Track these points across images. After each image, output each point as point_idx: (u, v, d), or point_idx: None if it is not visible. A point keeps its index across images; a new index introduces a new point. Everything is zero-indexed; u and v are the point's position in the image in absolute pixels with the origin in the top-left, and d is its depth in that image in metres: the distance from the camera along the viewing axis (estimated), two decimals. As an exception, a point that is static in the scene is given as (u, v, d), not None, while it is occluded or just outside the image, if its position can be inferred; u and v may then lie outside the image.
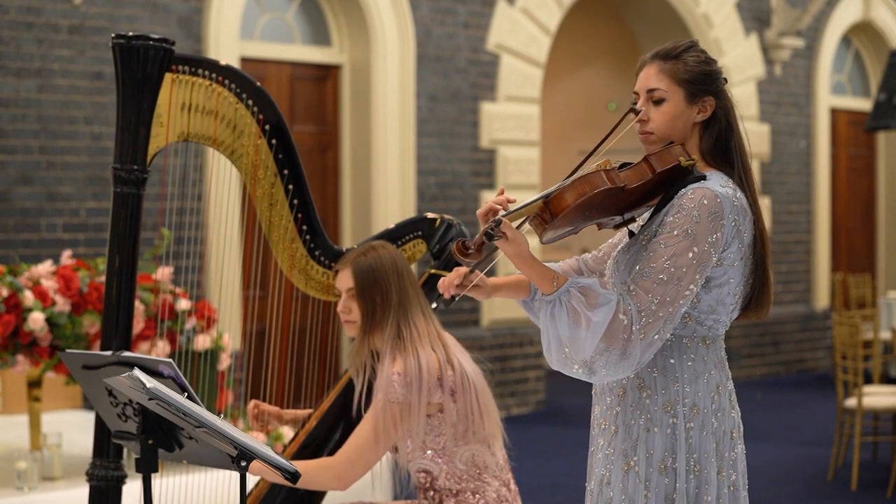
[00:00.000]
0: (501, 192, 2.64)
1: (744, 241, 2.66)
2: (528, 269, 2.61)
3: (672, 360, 2.67)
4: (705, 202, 2.59)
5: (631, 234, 2.75)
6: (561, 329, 2.58)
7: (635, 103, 2.74)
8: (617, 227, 2.75)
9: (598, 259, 2.94)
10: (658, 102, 2.72)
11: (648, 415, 2.67)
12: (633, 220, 2.74)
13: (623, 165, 2.67)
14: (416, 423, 3.37)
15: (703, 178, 2.67)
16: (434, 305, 2.76)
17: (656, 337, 2.56)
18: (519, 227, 2.61)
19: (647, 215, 2.75)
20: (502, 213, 2.59)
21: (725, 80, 2.78)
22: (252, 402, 3.76)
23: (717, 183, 2.65)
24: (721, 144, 2.72)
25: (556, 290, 2.59)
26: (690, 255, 2.57)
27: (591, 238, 10.86)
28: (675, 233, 2.59)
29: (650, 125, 2.72)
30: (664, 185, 2.67)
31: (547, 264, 2.94)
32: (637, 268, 2.60)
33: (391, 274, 3.49)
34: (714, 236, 2.59)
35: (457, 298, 2.68)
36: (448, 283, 2.68)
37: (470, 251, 2.55)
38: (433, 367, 3.39)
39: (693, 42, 2.78)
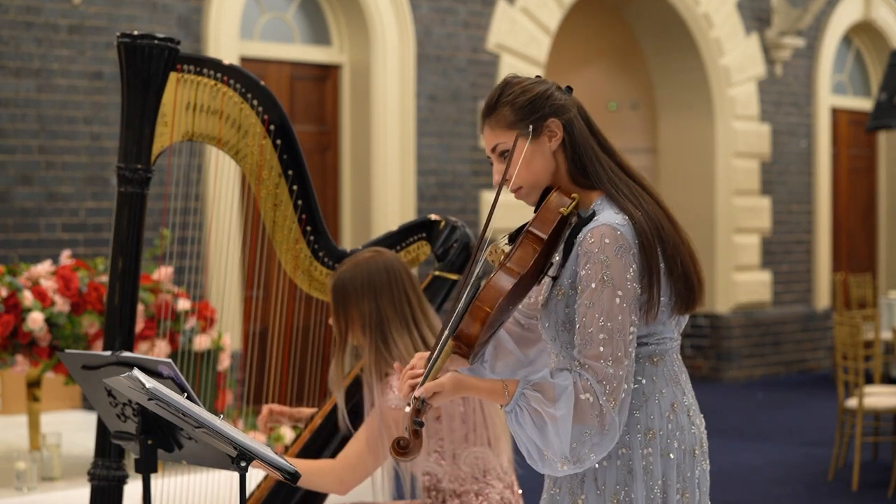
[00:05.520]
0: (400, 371, 2.56)
1: (657, 257, 2.53)
2: (477, 393, 2.52)
3: None
4: (607, 241, 2.45)
5: (554, 279, 2.60)
6: (531, 434, 2.46)
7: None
8: (538, 283, 2.60)
9: (530, 305, 2.76)
10: (506, 155, 2.58)
11: None
12: (550, 265, 2.59)
13: (512, 239, 2.54)
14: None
15: (593, 215, 2.52)
16: (406, 409, 2.60)
17: (623, 395, 2.44)
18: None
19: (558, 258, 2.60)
20: (419, 384, 2.47)
21: (570, 88, 2.63)
22: (266, 408, 3.71)
23: (611, 213, 2.51)
24: (577, 161, 2.58)
25: (512, 399, 2.47)
26: (618, 300, 2.44)
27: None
28: (593, 286, 2.45)
29: (514, 181, 2.59)
30: (558, 237, 2.54)
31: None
32: (577, 340, 2.47)
33: (364, 291, 3.40)
34: (630, 270, 2.46)
35: (421, 417, 2.50)
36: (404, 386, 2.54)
37: (408, 446, 2.46)
38: None
39: (505, 81, 2.62)
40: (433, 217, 3.96)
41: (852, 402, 6.99)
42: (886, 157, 13.17)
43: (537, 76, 2.65)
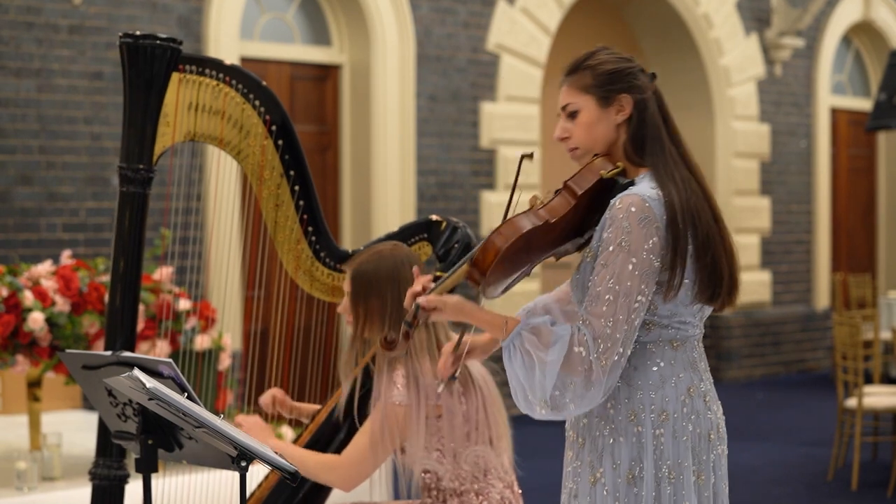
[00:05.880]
0: (418, 275, 2.65)
1: (686, 238, 2.59)
2: (477, 322, 2.60)
3: (634, 369, 2.61)
4: (633, 209, 2.53)
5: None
6: (519, 372, 2.55)
7: (530, 155, 2.69)
8: (579, 248, 2.69)
9: None
10: (574, 115, 2.69)
11: (613, 425, 2.62)
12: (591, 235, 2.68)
13: (557, 193, 2.62)
14: (419, 425, 3.36)
15: (631, 184, 2.61)
16: (440, 388, 2.77)
17: (616, 358, 2.51)
18: (451, 291, 2.62)
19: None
20: (429, 290, 2.59)
21: (654, 75, 2.72)
22: (270, 392, 3.74)
23: (647, 186, 2.59)
24: (637, 140, 2.66)
25: (509, 336, 2.57)
26: (630, 267, 2.52)
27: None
28: (611, 249, 2.53)
29: (572, 140, 2.70)
30: (598, 201, 2.62)
31: (545, 296, 2.90)
32: (586, 297, 2.56)
33: (388, 282, 3.41)
34: (650, 242, 2.53)
35: (458, 372, 2.67)
36: (443, 365, 2.68)
37: (395, 342, 2.55)
38: (431, 373, 3.37)
39: (599, 48, 2.74)
40: (434, 217, 3.96)
41: (852, 402, 6.99)
42: (886, 157, 13.17)
43: (628, 56, 2.75)
